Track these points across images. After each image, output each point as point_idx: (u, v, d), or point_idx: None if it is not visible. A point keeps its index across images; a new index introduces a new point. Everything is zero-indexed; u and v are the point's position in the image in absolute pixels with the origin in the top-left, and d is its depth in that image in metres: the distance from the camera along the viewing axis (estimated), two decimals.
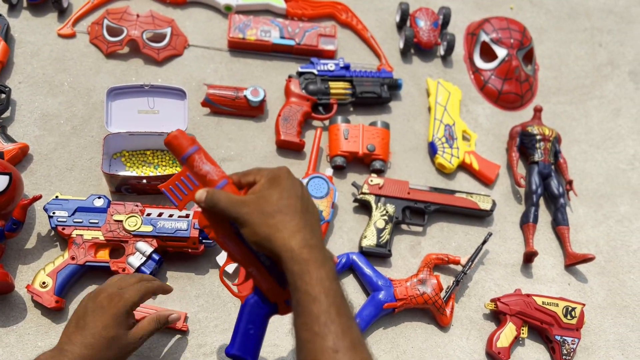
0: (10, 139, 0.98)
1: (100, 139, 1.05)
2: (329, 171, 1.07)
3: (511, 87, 1.24)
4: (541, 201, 1.14)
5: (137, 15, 1.14)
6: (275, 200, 0.65)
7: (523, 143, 1.16)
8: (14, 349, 0.86)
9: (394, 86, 1.19)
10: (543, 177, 1.13)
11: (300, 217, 0.64)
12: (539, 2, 1.42)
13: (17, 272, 0.91)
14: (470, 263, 1.01)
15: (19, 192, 0.91)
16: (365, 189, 1.05)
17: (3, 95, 1.03)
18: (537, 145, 1.14)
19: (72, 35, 1.15)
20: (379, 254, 1.02)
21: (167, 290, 0.82)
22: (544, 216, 1.13)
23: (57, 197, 0.93)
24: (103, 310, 0.72)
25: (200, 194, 0.70)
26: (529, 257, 1.06)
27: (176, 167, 1.04)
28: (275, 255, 0.63)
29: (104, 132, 1.05)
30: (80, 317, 0.72)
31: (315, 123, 1.15)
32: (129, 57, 1.15)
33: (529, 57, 1.29)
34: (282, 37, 1.19)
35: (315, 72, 1.16)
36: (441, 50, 1.27)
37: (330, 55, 1.21)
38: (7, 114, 1.03)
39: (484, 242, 1.04)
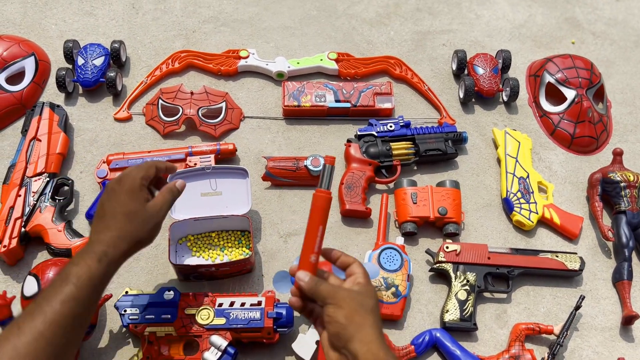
0: (76, 234, 0.97)
1: (165, 224, 1.02)
2: (400, 240, 1.01)
3: (584, 130, 1.16)
4: (633, 254, 1.04)
5: (192, 93, 1.13)
6: (372, 306, 0.67)
7: (606, 191, 1.08)
8: None
9: (459, 140, 1.13)
10: (633, 228, 1.04)
11: (379, 328, 0.67)
12: (602, 33, 1.35)
13: None
14: (565, 332, 0.93)
15: None
16: (441, 257, 0.99)
17: (66, 188, 1.02)
18: (622, 193, 1.06)
19: (128, 119, 1.14)
20: (464, 329, 0.95)
21: (170, 168, 0.84)
22: (639, 270, 1.04)
23: (126, 292, 0.91)
24: (115, 192, 0.76)
25: (304, 275, 0.70)
26: (629, 321, 0.97)
27: (242, 247, 1.01)
28: (351, 352, 0.64)
29: (167, 217, 1.03)
30: (99, 211, 0.76)
31: (380, 187, 1.10)
32: (186, 135, 1.13)
33: (599, 94, 1.21)
34: (337, 101, 1.16)
35: (375, 133, 1.11)
36: (504, 97, 1.21)
37: (388, 113, 1.17)
38: (71, 206, 1.03)
39: (577, 307, 0.96)
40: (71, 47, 1.16)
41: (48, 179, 1.01)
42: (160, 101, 1.12)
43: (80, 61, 1.15)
